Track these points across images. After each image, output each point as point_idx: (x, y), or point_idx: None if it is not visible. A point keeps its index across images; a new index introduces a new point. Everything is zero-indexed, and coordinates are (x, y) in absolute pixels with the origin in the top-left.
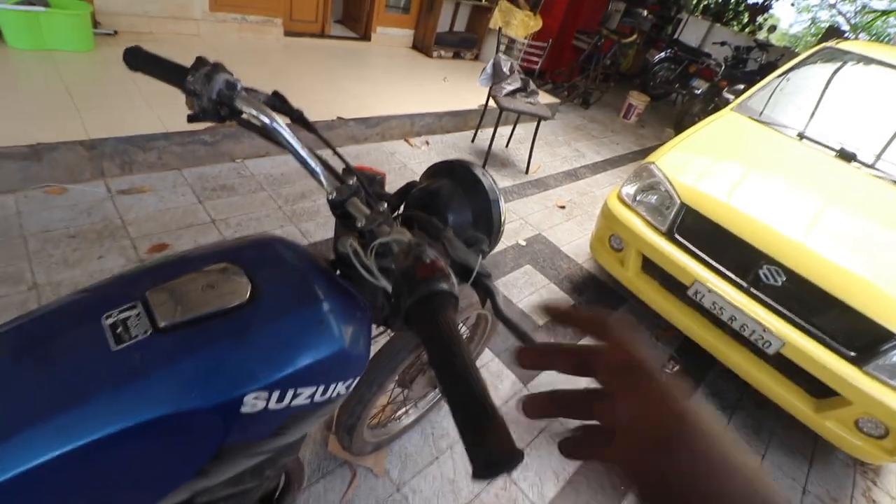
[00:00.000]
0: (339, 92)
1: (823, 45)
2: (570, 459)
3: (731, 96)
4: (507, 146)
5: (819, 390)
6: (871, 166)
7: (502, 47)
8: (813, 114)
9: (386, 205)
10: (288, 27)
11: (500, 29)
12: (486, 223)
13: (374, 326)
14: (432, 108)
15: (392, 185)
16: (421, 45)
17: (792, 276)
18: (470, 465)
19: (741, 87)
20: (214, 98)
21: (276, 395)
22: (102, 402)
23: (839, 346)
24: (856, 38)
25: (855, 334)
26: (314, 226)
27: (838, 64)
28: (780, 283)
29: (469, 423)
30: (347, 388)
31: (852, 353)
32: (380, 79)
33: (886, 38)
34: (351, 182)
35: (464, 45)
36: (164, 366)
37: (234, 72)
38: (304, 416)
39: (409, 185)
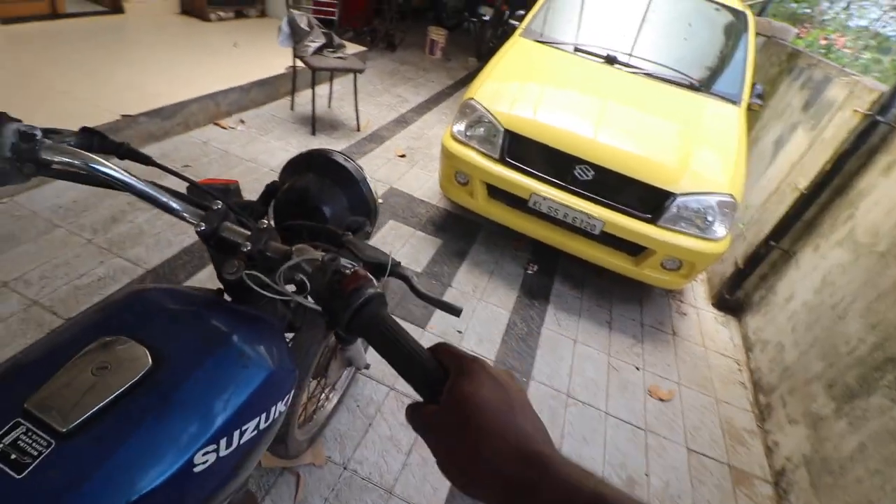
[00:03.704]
0: (109, 84)
1: None
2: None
3: (515, 22)
4: (329, 106)
5: (634, 250)
6: (629, 65)
7: (290, 0)
8: (579, 29)
9: (266, 222)
10: (2, 12)
11: None
12: (362, 205)
13: None
14: (235, 82)
15: (226, 175)
16: (192, 9)
17: (597, 168)
18: None
19: (522, 12)
20: (9, 156)
21: (223, 442)
22: None
23: (639, 213)
24: None
25: (647, 200)
26: (144, 250)
27: None
28: (591, 177)
29: (427, 387)
30: (286, 404)
31: (648, 215)
32: (157, 58)
33: None
34: (216, 206)
35: (244, 0)
36: (92, 469)
37: None
38: (255, 447)
39: (272, 188)
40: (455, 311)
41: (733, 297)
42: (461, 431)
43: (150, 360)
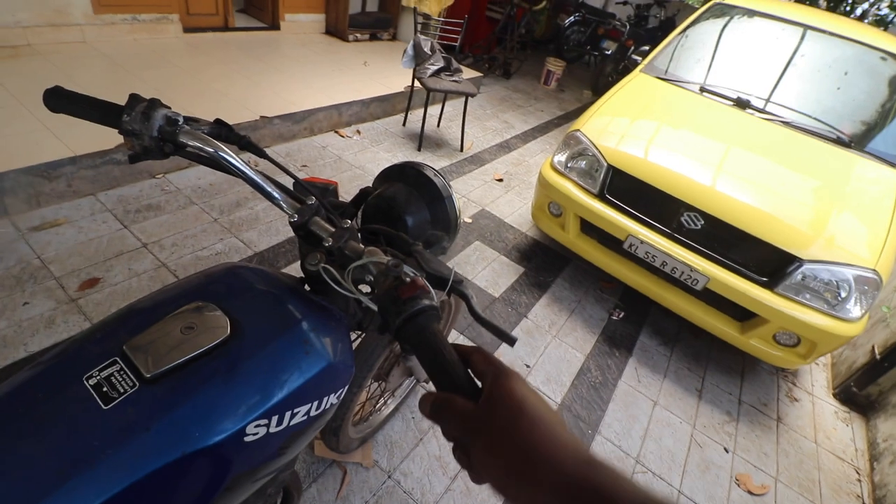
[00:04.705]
0: (256, 88)
1: (713, 1)
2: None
3: (638, 58)
4: (438, 126)
5: (741, 314)
6: (763, 111)
7: (419, 26)
8: (710, 68)
9: (350, 221)
10: (186, 23)
11: (414, 7)
12: (444, 220)
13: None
14: (358, 96)
15: (335, 178)
16: (335, 30)
17: (709, 218)
18: None
19: (647, 48)
20: (156, 136)
21: (275, 419)
22: (108, 463)
23: (753, 275)
24: None
25: (765, 262)
26: (256, 234)
27: (727, 18)
28: (699, 227)
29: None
30: (339, 397)
31: (764, 279)
32: (297, 69)
33: None
34: (310, 202)
35: (379, 25)
36: (161, 415)
37: (133, 79)
38: (303, 432)
39: (364, 192)
40: (510, 340)
41: (863, 392)
42: (512, 428)
43: (229, 329)
